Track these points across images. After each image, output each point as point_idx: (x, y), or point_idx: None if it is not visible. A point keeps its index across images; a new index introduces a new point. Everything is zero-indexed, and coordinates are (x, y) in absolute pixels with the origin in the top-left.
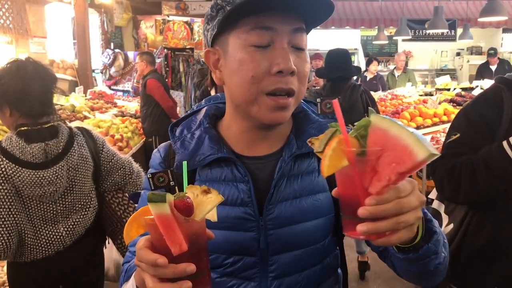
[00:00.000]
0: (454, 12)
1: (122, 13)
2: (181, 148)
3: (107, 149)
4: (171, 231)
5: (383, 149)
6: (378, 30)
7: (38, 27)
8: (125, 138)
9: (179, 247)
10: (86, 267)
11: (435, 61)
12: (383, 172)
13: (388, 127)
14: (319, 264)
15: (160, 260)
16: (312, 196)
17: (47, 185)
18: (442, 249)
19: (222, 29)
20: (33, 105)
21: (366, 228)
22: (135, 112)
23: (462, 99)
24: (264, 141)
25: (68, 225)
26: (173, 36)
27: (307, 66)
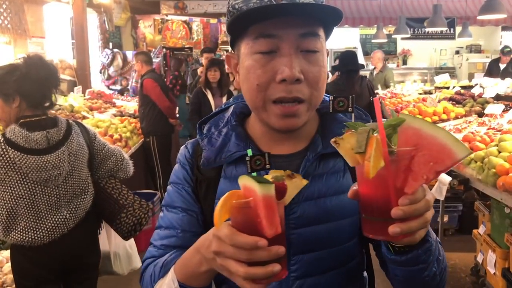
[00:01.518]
0: (453, 10)
1: (121, 12)
2: (208, 145)
3: (98, 139)
4: (272, 213)
5: (417, 149)
6: (377, 28)
7: (36, 27)
8: (124, 138)
9: (275, 229)
10: (87, 249)
11: (434, 59)
12: (419, 172)
13: (420, 126)
14: (344, 266)
15: (261, 242)
16: (336, 196)
17: (52, 169)
18: (435, 263)
19: (235, 35)
20: (42, 98)
21: (399, 229)
22: (134, 112)
23: (462, 97)
24: (288, 141)
25: (71, 209)
26: (172, 35)
27: (319, 70)
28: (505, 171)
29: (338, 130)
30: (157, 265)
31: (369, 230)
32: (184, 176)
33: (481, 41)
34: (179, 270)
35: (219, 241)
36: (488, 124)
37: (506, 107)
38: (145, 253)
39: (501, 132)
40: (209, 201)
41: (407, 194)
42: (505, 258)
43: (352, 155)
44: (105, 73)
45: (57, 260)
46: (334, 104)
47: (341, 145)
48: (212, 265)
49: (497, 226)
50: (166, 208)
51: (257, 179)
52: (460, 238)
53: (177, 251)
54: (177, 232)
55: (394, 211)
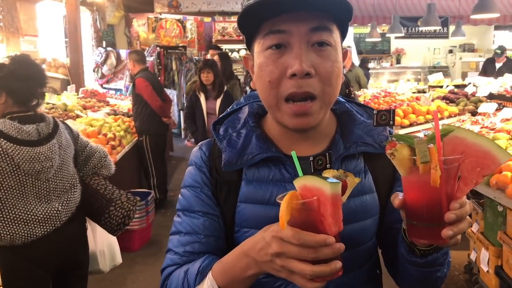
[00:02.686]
0: (446, 10)
1: (114, 11)
2: (228, 147)
3: (81, 137)
4: (337, 210)
5: (465, 156)
6: (371, 27)
7: (29, 26)
8: (117, 136)
9: (339, 226)
10: (80, 245)
11: (427, 58)
12: (469, 177)
13: (465, 135)
14: (365, 265)
15: (330, 239)
16: (359, 197)
17: (45, 160)
18: (446, 266)
19: (248, 35)
20: (29, 96)
21: (452, 232)
22: (128, 111)
23: (455, 96)
24: (307, 141)
25: (62, 201)
26: (166, 34)
27: (332, 65)
28: (498, 170)
29: (358, 130)
30: (188, 272)
31: (417, 235)
32: (202, 179)
33: (474, 40)
34: (220, 275)
35: (281, 242)
36: (481, 123)
37: (499, 106)
38: (165, 260)
39: (494, 130)
40: (230, 205)
41: (457, 198)
42: (498, 256)
43: (406, 165)
44: (99, 71)
45: (53, 256)
46: (378, 118)
47: (396, 156)
48: (264, 268)
49: (490, 224)
50: (183, 212)
51: (323, 178)
52: None
53: (209, 256)
54: (200, 238)
55: (448, 215)
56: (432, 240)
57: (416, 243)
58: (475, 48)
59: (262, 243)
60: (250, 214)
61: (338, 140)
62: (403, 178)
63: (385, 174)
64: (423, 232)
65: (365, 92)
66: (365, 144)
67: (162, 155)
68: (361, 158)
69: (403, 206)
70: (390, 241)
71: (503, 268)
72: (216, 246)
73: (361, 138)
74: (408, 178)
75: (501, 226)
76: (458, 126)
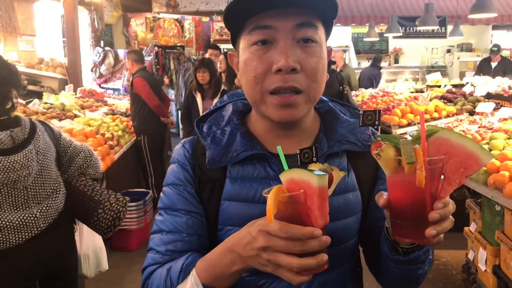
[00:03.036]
0: (444, 9)
1: (112, 10)
2: (212, 144)
3: (64, 137)
4: (324, 203)
5: (449, 156)
6: (369, 27)
7: (27, 25)
8: (115, 136)
9: (325, 219)
10: (66, 252)
11: (425, 58)
12: (452, 177)
13: (449, 136)
14: (348, 263)
15: (317, 231)
16: (342, 195)
17: (20, 169)
18: (427, 263)
19: (234, 32)
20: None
21: (435, 231)
22: (126, 111)
23: (453, 96)
24: (291, 139)
25: (41, 208)
26: (164, 33)
27: (317, 61)
28: (496, 169)
29: (341, 129)
30: (171, 269)
31: (401, 234)
32: (185, 177)
33: (472, 40)
34: (204, 272)
35: (268, 235)
36: (479, 123)
37: (496, 106)
38: (146, 259)
39: (492, 130)
40: (214, 203)
41: (441, 198)
42: (496, 255)
43: (391, 165)
44: (97, 71)
45: (36, 265)
46: (363, 118)
47: (382, 156)
48: (250, 263)
49: (488, 223)
50: (165, 211)
51: (310, 171)
52: (451, 235)
53: (192, 254)
54: (183, 236)
55: (432, 215)
56: (416, 239)
57: (399, 242)
58: (473, 48)
59: (248, 238)
60: (234, 212)
61: (322, 138)
62: (388, 178)
63: (368, 172)
64: (407, 231)
65: (363, 92)
66: (349, 142)
67: (160, 155)
68: (344, 157)
69: (387, 206)
70: (372, 239)
71: (500, 267)
72: (199, 244)
73: (344, 137)
74: (393, 178)
75: (499, 226)
76: (443, 127)
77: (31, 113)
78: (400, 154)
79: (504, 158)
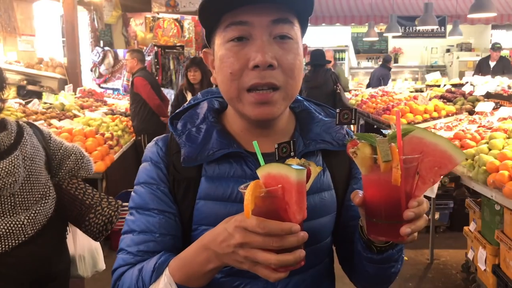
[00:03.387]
0: (443, 9)
1: (112, 10)
2: (187, 142)
3: (54, 138)
4: (302, 198)
5: (423, 155)
6: (369, 27)
7: (26, 25)
8: (115, 136)
9: (303, 214)
10: (55, 257)
11: (425, 57)
12: (427, 176)
13: (423, 135)
14: (323, 262)
15: (295, 226)
16: (318, 194)
17: (6, 176)
18: (400, 261)
19: (209, 28)
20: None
21: (410, 229)
22: (125, 110)
23: (452, 95)
24: (267, 138)
25: (29, 215)
26: (163, 33)
27: (294, 57)
28: (495, 169)
29: (317, 128)
30: (143, 269)
31: (376, 232)
32: (158, 176)
33: (471, 39)
34: (177, 271)
35: (245, 232)
36: (478, 122)
37: (496, 105)
38: (116, 261)
39: (492, 129)
40: (188, 202)
41: (415, 197)
42: (496, 254)
43: (367, 163)
44: (96, 71)
45: (25, 272)
46: (340, 117)
47: (358, 155)
48: (225, 260)
49: (487, 223)
50: (136, 210)
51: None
52: (451, 235)
53: (165, 253)
54: (156, 237)
55: (407, 213)
56: (391, 237)
57: (374, 240)
58: (472, 47)
59: (224, 235)
60: (210, 211)
61: (298, 137)
62: (364, 177)
63: (342, 171)
64: (382, 230)
65: (363, 92)
66: (324, 141)
67: None
68: (319, 156)
69: (362, 204)
70: (346, 238)
71: (500, 267)
72: (172, 245)
73: (320, 136)
74: (368, 176)
75: (499, 225)
76: (418, 126)
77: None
78: (376, 152)
79: (503, 157)
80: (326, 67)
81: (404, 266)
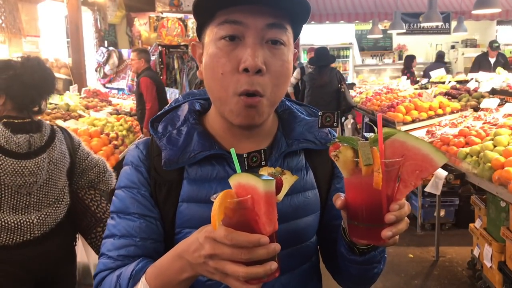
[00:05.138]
0: (448, 5)
1: (116, 10)
2: (168, 145)
3: (82, 148)
4: (272, 209)
5: (405, 159)
6: (373, 24)
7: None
8: (120, 136)
9: (274, 226)
10: (62, 262)
11: (430, 54)
12: (408, 179)
13: (405, 139)
14: (309, 262)
15: (263, 238)
16: (302, 193)
17: (28, 175)
18: (382, 262)
19: (201, 22)
20: (30, 103)
21: (391, 233)
22: (130, 110)
23: (457, 92)
24: (250, 139)
25: (40, 215)
26: (167, 33)
27: (282, 64)
28: (501, 165)
29: (299, 128)
30: (121, 276)
31: (357, 235)
32: (139, 179)
33: (476, 35)
34: (153, 279)
35: (214, 242)
36: (483, 119)
37: (501, 101)
38: (97, 265)
39: (497, 126)
40: (170, 205)
41: (397, 200)
42: (501, 251)
43: (349, 167)
44: (101, 71)
45: (30, 272)
46: (322, 119)
47: (340, 158)
48: (199, 271)
49: (493, 220)
50: (117, 215)
51: (257, 176)
52: (457, 232)
53: (143, 259)
54: (136, 241)
55: (388, 216)
56: (372, 240)
57: (356, 243)
58: (477, 44)
59: (195, 245)
60: (193, 213)
61: (280, 137)
62: (346, 180)
63: (325, 170)
64: (364, 233)
65: (367, 89)
66: (307, 140)
67: None
68: (302, 155)
69: (344, 207)
70: (329, 237)
71: (506, 263)
72: (153, 249)
73: (302, 135)
74: (350, 179)
75: (504, 222)
76: (399, 130)
77: None
78: (358, 156)
79: (508, 154)
80: (331, 66)
81: (409, 263)
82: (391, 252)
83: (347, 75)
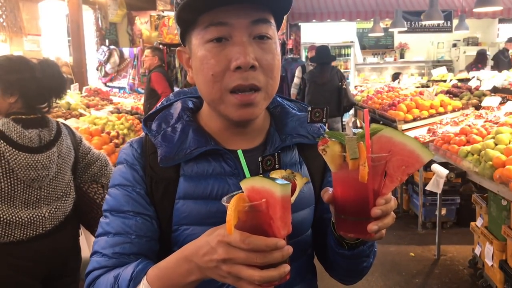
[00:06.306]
0: (449, 3)
1: (117, 9)
2: (164, 142)
3: (84, 143)
4: (287, 213)
5: (391, 154)
6: (374, 22)
7: (32, 25)
8: (121, 134)
9: (288, 229)
10: (70, 254)
11: (431, 52)
12: (394, 174)
13: (391, 135)
14: (305, 255)
15: (280, 242)
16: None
17: (41, 168)
18: (372, 256)
19: (185, 27)
20: (42, 103)
21: (377, 226)
22: (131, 109)
23: (459, 90)
24: (244, 136)
25: (51, 209)
26: (168, 31)
27: (273, 57)
28: (502, 164)
29: (292, 123)
30: (120, 277)
31: (344, 228)
32: (134, 177)
33: (478, 33)
34: (156, 280)
35: (228, 247)
36: (485, 117)
37: (503, 100)
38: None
39: (498, 124)
40: (167, 202)
41: (383, 195)
42: (503, 250)
43: (336, 161)
44: (102, 70)
45: (40, 265)
46: (311, 115)
47: (328, 152)
48: (208, 274)
49: (494, 218)
50: (111, 213)
51: (272, 180)
52: (458, 230)
53: (143, 260)
54: (132, 238)
55: (374, 210)
56: (359, 234)
57: (344, 237)
58: (479, 42)
59: (206, 248)
60: (191, 210)
61: (274, 133)
62: (333, 174)
63: (318, 164)
64: (351, 226)
65: (369, 88)
66: (300, 135)
67: None
68: (295, 150)
69: (332, 201)
70: (321, 230)
71: (507, 262)
72: (148, 247)
73: (295, 130)
74: (338, 174)
75: (505, 220)
76: (386, 126)
77: None
78: (345, 150)
79: (510, 152)
80: (332, 65)
81: (411, 262)
82: (392, 250)
83: (348, 74)
